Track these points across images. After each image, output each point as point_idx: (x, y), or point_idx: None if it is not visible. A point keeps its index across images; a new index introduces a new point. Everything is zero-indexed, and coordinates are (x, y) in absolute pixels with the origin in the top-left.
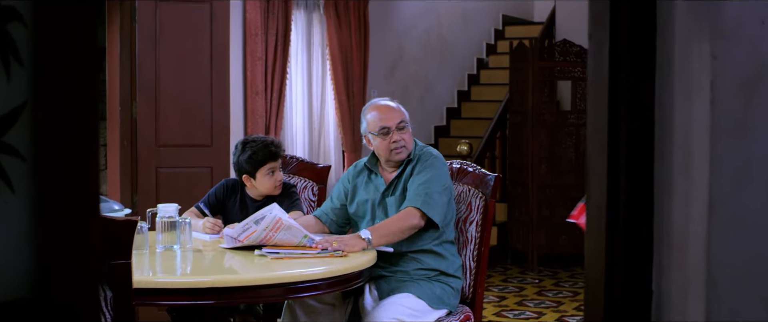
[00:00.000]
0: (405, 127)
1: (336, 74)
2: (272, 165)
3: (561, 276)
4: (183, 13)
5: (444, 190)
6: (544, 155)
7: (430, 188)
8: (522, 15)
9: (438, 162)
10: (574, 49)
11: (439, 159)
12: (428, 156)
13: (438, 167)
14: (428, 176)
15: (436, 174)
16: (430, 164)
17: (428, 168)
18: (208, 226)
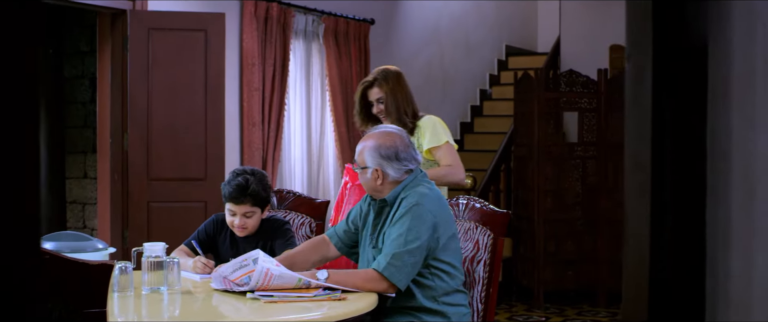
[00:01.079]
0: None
1: (335, 105)
2: (231, 207)
3: (568, 314)
4: (176, 42)
5: (416, 249)
6: (549, 188)
7: (398, 246)
8: (525, 46)
9: (418, 211)
10: (581, 79)
11: (420, 207)
12: (410, 203)
13: (416, 218)
14: (403, 228)
15: (411, 226)
16: (409, 213)
17: (405, 218)
18: (199, 266)
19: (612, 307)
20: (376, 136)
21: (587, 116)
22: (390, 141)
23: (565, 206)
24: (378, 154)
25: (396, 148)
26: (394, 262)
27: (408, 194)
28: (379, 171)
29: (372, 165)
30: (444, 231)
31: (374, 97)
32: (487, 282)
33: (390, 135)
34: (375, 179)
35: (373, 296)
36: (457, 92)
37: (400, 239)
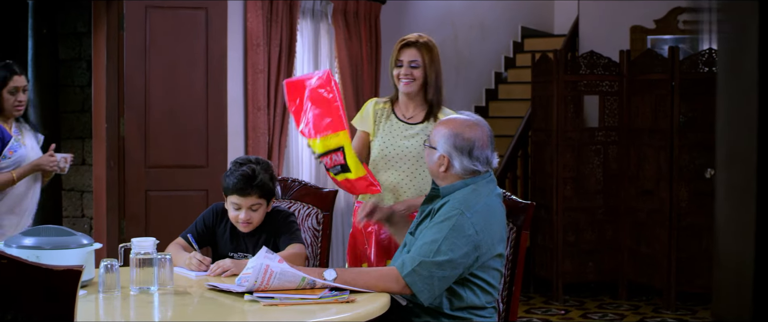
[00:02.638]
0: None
1: (345, 88)
2: (236, 200)
3: (588, 306)
4: (175, 20)
5: (446, 262)
6: (569, 176)
7: (428, 253)
8: (542, 27)
9: (461, 223)
10: (602, 61)
11: (464, 219)
12: (455, 210)
13: (456, 231)
14: (439, 235)
15: (448, 235)
16: (450, 221)
17: (444, 225)
18: (194, 263)
19: (634, 299)
20: (459, 122)
21: (608, 100)
22: (471, 133)
23: (585, 194)
24: (452, 143)
25: (473, 144)
26: (420, 270)
27: (461, 197)
28: (446, 159)
29: (441, 150)
30: (487, 251)
31: (408, 58)
32: (509, 280)
33: (474, 127)
34: (439, 165)
35: (385, 297)
36: (471, 75)
37: (433, 246)
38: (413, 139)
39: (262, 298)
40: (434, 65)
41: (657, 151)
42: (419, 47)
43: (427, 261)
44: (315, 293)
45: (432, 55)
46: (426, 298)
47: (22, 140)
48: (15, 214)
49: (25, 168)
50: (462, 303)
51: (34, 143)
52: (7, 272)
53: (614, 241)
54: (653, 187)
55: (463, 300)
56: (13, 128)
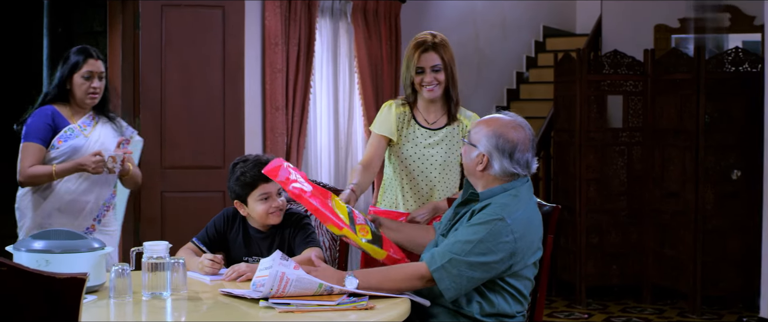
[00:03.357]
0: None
1: (365, 88)
2: (266, 188)
3: (612, 310)
4: (192, 19)
5: (478, 264)
6: (592, 177)
7: (461, 252)
8: (564, 26)
9: (499, 228)
10: (626, 60)
11: (504, 225)
12: (495, 214)
13: (494, 235)
14: (475, 236)
15: (484, 238)
16: (489, 224)
17: (482, 227)
18: (207, 265)
19: (658, 303)
20: (503, 122)
21: (632, 100)
22: (514, 135)
23: (608, 196)
24: (494, 142)
25: (515, 146)
26: (449, 267)
27: (502, 202)
28: (485, 158)
29: (482, 149)
30: (522, 259)
31: (430, 64)
32: (534, 285)
33: (518, 129)
34: (477, 163)
35: (406, 304)
36: (492, 75)
37: (467, 246)
38: (438, 146)
39: (277, 304)
40: (452, 63)
41: (682, 152)
42: (437, 49)
43: (458, 259)
44: (332, 299)
45: (450, 54)
46: (451, 296)
47: (88, 133)
48: (65, 213)
49: (66, 165)
50: (493, 309)
51: (107, 140)
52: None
53: (638, 243)
54: (678, 189)
55: (493, 306)
56: (85, 118)
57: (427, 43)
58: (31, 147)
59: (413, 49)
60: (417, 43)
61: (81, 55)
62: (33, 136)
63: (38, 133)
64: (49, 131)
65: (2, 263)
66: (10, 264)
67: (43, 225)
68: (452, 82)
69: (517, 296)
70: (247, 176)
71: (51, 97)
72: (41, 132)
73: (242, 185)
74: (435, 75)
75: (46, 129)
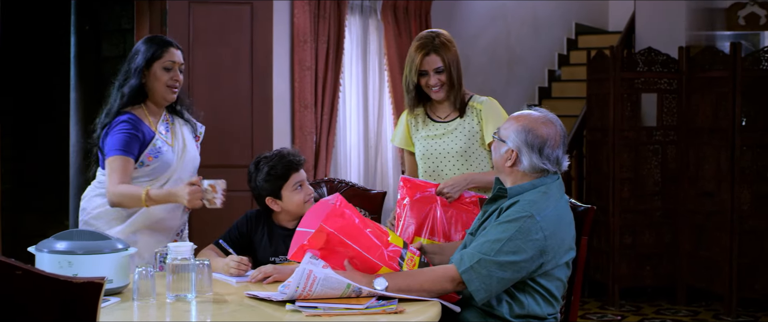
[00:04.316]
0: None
1: (394, 86)
2: (297, 177)
3: (646, 312)
4: (220, 16)
5: (508, 264)
6: (626, 176)
7: (489, 251)
8: (596, 23)
9: (528, 226)
10: (660, 58)
11: (533, 222)
12: (524, 211)
13: (523, 233)
14: (504, 235)
15: (513, 236)
16: (518, 222)
17: (511, 225)
18: (233, 266)
19: (693, 305)
20: (533, 118)
21: (667, 98)
22: (544, 131)
23: (642, 195)
24: (524, 137)
25: (545, 142)
26: (479, 268)
27: (531, 199)
28: (514, 154)
29: (511, 144)
30: (552, 259)
31: (432, 66)
32: (567, 288)
33: (549, 124)
34: (506, 159)
35: (436, 308)
36: (524, 73)
37: (495, 245)
38: (452, 134)
39: (304, 308)
40: (455, 61)
41: (717, 152)
42: (439, 51)
43: (487, 259)
44: (361, 302)
45: (450, 53)
46: (481, 297)
47: (170, 141)
48: (154, 230)
49: (159, 194)
50: (522, 311)
51: (189, 144)
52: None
53: (672, 244)
54: (713, 188)
55: (523, 307)
56: (161, 122)
57: (429, 46)
58: (118, 161)
59: (415, 52)
60: (418, 45)
61: (159, 43)
62: (120, 149)
63: (126, 146)
64: (138, 143)
65: (17, 266)
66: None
67: (127, 241)
68: (458, 81)
69: (548, 297)
70: (278, 169)
71: (127, 98)
72: (129, 144)
73: (275, 179)
74: (438, 77)
75: (134, 140)
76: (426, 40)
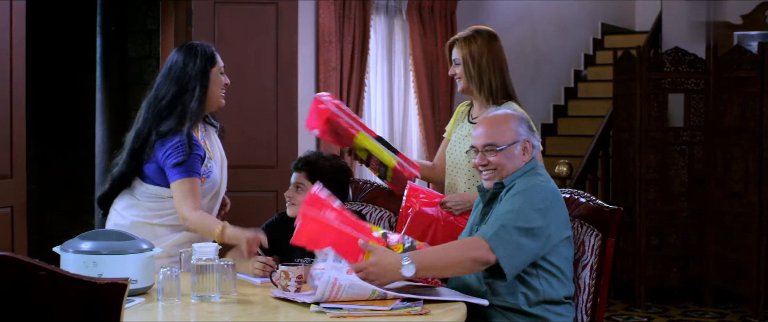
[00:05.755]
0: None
1: (420, 87)
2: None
3: (672, 314)
4: (245, 16)
5: (526, 230)
6: (652, 177)
7: (508, 220)
8: (623, 23)
9: (533, 191)
10: (687, 58)
11: (533, 192)
12: (524, 185)
13: (529, 197)
14: (514, 205)
15: (523, 206)
16: (523, 193)
17: (517, 197)
18: (258, 267)
19: (720, 307)
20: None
21: (694, 98)
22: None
23: (669, 196)
24: (526, 125)
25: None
26: (502, 233)
27: (525, 179)
28: (529, 143)
29: (525, 135)
30: (556, 232)
31: (453, 57)
32: (594, 290)
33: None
34: (522, 154)
35: (462, 309)
36: (549, 73)
37: (511, 214)
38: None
39: (329, 309)
40: (475, 57)
41: (745, 152)
42: (460, 44)
43: (508, 225)
44: (386, 304)
45: (470, 48)
46: (509, 266)
47: (210, 152)
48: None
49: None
50: (538, 297)
51: (222, 151)
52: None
53: (699, 245)
54: (741, 189)
55: (538, 293)
56: (200, 132)
57: (454, 38)
58: (188, 184)
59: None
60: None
61: (212, 53)
62: (192, 171)
63: (194, 167)
64: (201, 162)
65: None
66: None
67: (171, 254)
68: (472, 77)
69: (559, 276)
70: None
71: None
72: (196, 164)
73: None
74: (455, 68)
75: (198, 160)
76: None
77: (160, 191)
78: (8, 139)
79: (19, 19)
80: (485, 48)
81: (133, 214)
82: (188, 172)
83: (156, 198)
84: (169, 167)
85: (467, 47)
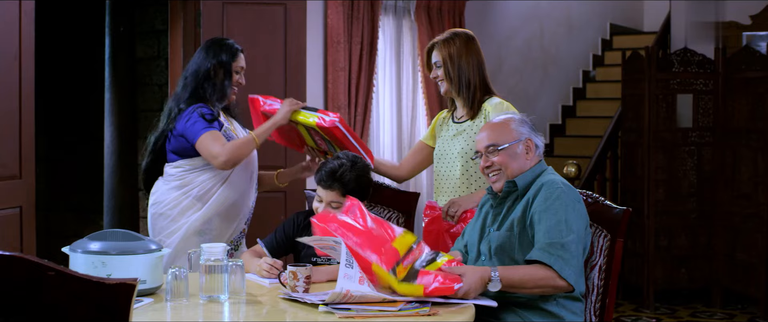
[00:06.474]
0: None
1: (428, 87)
2: (320, 193)
3: (681, 315)
4: (253, 16)
5: (579, 239)
6: (661, 178)
7: (563, 235)
8: (631, 24)
9: (568, 198)
10: (696, 58)
11: (572, 194)
12: (557, 190)
13: (571, 204)
14: (560, 215)
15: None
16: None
17: (558, 202)
18: (265, 268)
19: (728, 308)
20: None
21: (703, 99)
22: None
23: (678, 197)
24: (527, 124)
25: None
26: (559, 252)
27: (547, 180)
28: (531, 142)
29: (525, 134)
30: (587, 231)
31: (433, 60)
32: (602, 292)
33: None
34: (525, 153)
35: (470, 311)
36: (558, 74)
37: (560, 226)
38: (460, 136)
39: (337, 309)
40: (454, 58)
41: (754, 153)
42: (437, 46)
43: (559, 241)
44: (394, 305)
45: (449, 49)
46: (575, 280)
47: (234, 130)
48: (225, 218)
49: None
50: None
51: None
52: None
53: (708, 246)
54: (750, 190)
55: None
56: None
57: (431, 43)
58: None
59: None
60: None
61: (236, 49)
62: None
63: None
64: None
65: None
66: (58, 269)
67: (202, 231)
68: (462, 80)
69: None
70: (318, 173)
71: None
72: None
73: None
74: (436, 71)
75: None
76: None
77: (183, 163)
78: (17, 139)
79: (28, 20)
80: (464, 48)
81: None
82: (209, 127)
83: (181, 174)
84: (190, 127)
85: (446, 49)
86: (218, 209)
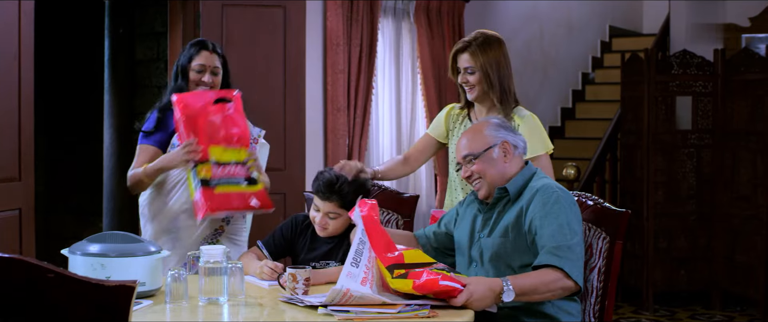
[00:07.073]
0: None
1: (427, 89)
2: (317, 203)
3: (680, 316)
4: (253, 18)
5: (581, 241)
6: (660, 180)
7: (568, 238)
8: (630, 26)
9: (566, 201)
10: (695, 60)
11: (568, 197)
12: (553, 194)
13: (568, 206)
14: (561, 219)
15: (569, 217)
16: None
17: (556, 206)
18: (266, 271)
19: (728, 310)
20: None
21: (702, 101)
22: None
23: (677, 199)
24: (501, 127)
25: (509, 125)
26: (569, 255)
27: (539, 184)
28: (507, 144)
29: (501, 137)
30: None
31: (463, 65)
32: (601, 294)
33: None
34: (503, 157)
35: (470, 313)
36: (557, 76)
37: (563, 229)
38: None
39: (336, 311)
40: (493, 65)
41: (754, 155)
42: (472, 51)
43: (566, 244)
44: (394, 307)
45: (488, 56)
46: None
47: None
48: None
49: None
50: None
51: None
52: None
53: (707, 248)
54: (749, 192)
55: None
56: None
57: (462, 46)
58: (140, 148)
59: (452, 50)
60: (456, 43)
61: (196, 46)
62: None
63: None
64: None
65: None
66: (57, 271)
67: (169, 229)
68: (497, 85)
69: None
70: (315, 181)
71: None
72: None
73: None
74: (468, 77)
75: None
76: (464, 40)
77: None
78: (16, 141)
79: (28, 20)
80: (501, 54)
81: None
82: (142, 140)
83: None
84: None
85: (484, 55)
86: (182, 206)
